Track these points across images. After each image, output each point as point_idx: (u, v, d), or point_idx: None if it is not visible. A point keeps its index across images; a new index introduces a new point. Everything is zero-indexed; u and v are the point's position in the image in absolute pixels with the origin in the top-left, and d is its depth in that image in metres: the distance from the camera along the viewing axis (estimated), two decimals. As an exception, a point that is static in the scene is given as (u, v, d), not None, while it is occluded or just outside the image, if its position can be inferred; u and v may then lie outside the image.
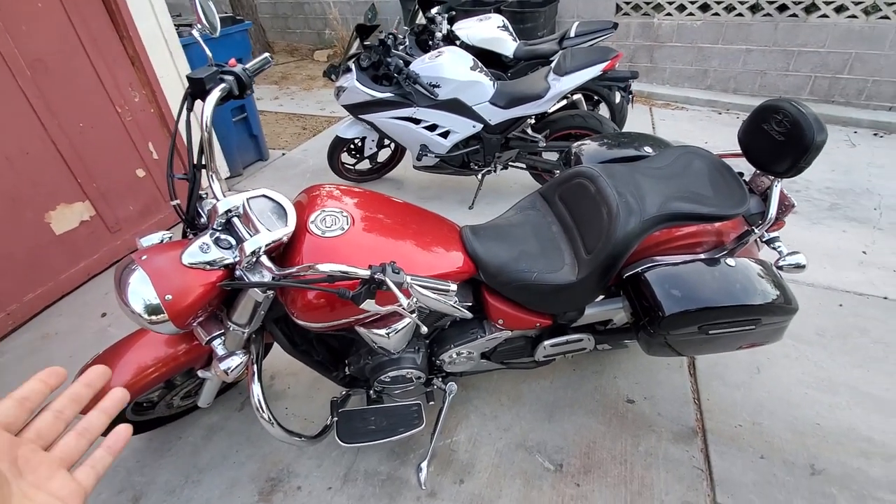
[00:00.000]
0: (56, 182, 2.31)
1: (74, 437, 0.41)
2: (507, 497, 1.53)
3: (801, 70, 4.33)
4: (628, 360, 1.97)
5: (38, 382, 0.40)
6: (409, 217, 1.38)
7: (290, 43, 7.28)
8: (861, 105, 4.23)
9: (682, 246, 1.41)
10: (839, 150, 3.66)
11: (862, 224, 2.80)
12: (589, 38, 3.23)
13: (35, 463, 0.37)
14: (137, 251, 1.08)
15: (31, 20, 2.11)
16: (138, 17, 2.55)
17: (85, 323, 2.25)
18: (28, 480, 0.36)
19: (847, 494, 1.50)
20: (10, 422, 0.37)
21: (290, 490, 1.56)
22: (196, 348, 1.36)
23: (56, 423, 0.40)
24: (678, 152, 1.50)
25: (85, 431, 0.42)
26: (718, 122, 4.31)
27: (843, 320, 2.13)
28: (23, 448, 0.37)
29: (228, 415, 1.80)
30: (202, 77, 1.14)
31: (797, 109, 1.26)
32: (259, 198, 1.15)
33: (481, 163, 2.89)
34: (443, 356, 1.52)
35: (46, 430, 0.39)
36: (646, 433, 1.70)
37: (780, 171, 1.33)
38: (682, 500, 1.50)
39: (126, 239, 2.68)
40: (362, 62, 2.71)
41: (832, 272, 2.41)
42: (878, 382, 1.84)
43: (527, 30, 4.58)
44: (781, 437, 1.67)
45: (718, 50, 4.57)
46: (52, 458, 0.38)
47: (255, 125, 3.62)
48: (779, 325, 1.35)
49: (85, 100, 2.38)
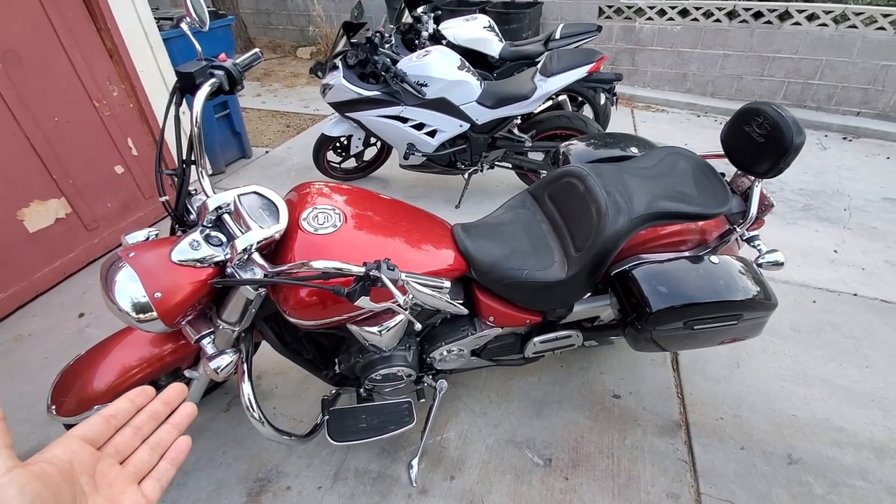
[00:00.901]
0: (29, 178, 2.23)
1: (147, 452, 0.42)
2: (498, 492, 1.54)
3: (776, 75, 4.48)
4: (614, 355, 2.01)
5: (126, 402, 0.43)
6: (400, 215, 1.39)
7: (272, 39, 7.17)
8: (831, 110, 4.40)
9: (668, 244, 1.45)
10: (811, 153, 3.80)
11: (833, 224, 2.91)
12: (574, 41, 3.27)
13: (111, 477, 0.39)
14: (124, 248, 1.06)
15: (3, 8, 2.03)
16: (116, 8, 2.47)
17: (61, 324, 2.18)
18: (102, 494, 0.37)
19: (822, 482, 1.56)
20: (95, 437, 0.40)
21: (280, 490, 1.55)
22: (182, 347, 1.33)
23: (134, 439, 0.42)
24: (664, 153, 1.54)
25: (156, 446, 0.43)
26: (697, 124, 4.42)
27: (816, 316, 2.21)
28: (102, 462, 0.39)
29: (214, 415, 1.77)
30: (192, 72, 1.12)
31: (777, 112, 1.31)
32: (250, 194, 1.14)
33: (468, 162, 2.90)
34: (433, 354, 1.52)
35: (124, 445, 0.41)
36: (632, 427, 1.74)
37: (761, 171, 1.38)
38: (668, 491, 1.54)
39: (104, 237, 2.60)
40: (349, 60, 2.70)
41: (806, 270, 2.50)
42: (849, 375, 1.92)
43: (511, 31, 4.61)
44: (760, 429, 1.72)
45: (697, 54, 4.69)
46: (126, 474, 0.40)
47: (238, 122, 3.56)
48: (759, 321, 1.40)
49: (60, 93, 2.30)
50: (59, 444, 0.36)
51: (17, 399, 1.77)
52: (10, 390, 1.83)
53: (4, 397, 1.80)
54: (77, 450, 0.37)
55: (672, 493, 1.54)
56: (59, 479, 0.33)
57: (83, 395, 1.26)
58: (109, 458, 0.39)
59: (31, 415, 1.70)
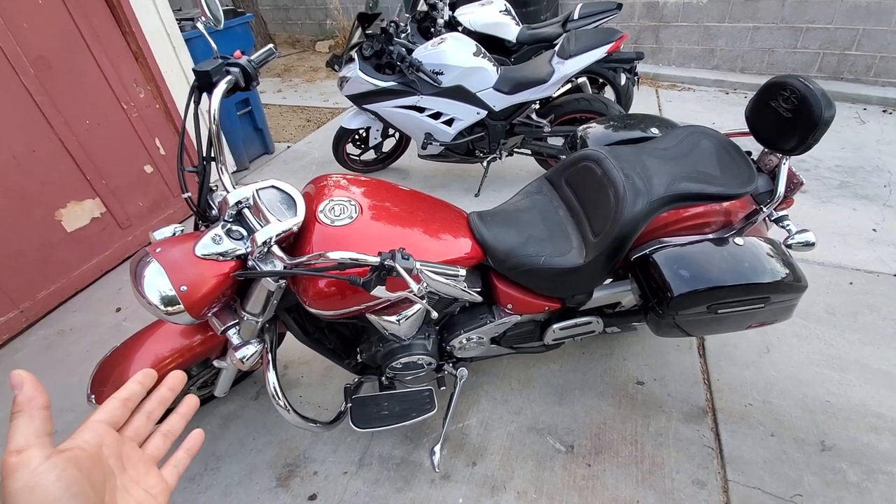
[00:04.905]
0: (65, 180, 2.33)
1: (161, 438, 0.45)
2: (520, 478, 1.55)
3: (810, 47, 4.25)
4: (637, 342, 1.98)
5: (136, 384, 0.44)
6: (416, 204, 1.39)
7: (291, 34, 7.24)
8: (870, 81, 4.16)
9: (691, 226, 1.41)
10: (848, 128, 3.61)
11: (872, 202, 2.77)
12: (593, 20, 3.19)
13: (135, 459, 0.41)
14: (151, 244, 1.10)
15: (33, 17, 2.12)
16: (140, 11, 2.55)
17: (100, 318, 2.30)
18: (129, 475, 0.39)
19: (857, 469, 1.51)
20: (116, 420, 0.41)
21: (307, 475, 1.60)
22: (211, 338, 1.39)
23: (147, 423, 0.44)
24: (685, 132, 1.49)
25: (168, 433, 0.46)
26: (726, 101, 4.25)
27: (853, 298, 2.12)
28: (126, 445, 0.41)
29: (244, 404, 1.83)
30: (208, 70, 1.14)
31: (804, 85, 1.25)
32: (268, 189, 1.16)
33: (486, 150, 2.88)
34: (453, 342, 1.53)
35: (141, 429, 0.43)
36: (656, 414, 1.71)
37: (788, 148, 1.32)
38: (693, 478, 1.52)
39: (137, 234, 2.71)
40: (365, 51, 2.70)
41: (842, 250, 2.39)
42: (888, 359, 1.84)
43: (529, 13, 4.52)
44: (791, 415, 1.67)
45: (725, 28, 4.49)
46: (147, 457, 0.42)
47: (260, 118, 3.63)
48: (788, 304, 1.35)
49: (90, 97, 2.39)
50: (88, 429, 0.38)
51: (61, 390, 1.88)
52: (55, 381, 1.95)
53: (49, 388, 1.88)
54: (104, 433, 0.39)
55: (698, 480, 1.51)
56: (90, 464, 0.36)
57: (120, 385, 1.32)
58: (131, 441, 0.41)
59: (75, 404, 1.80)
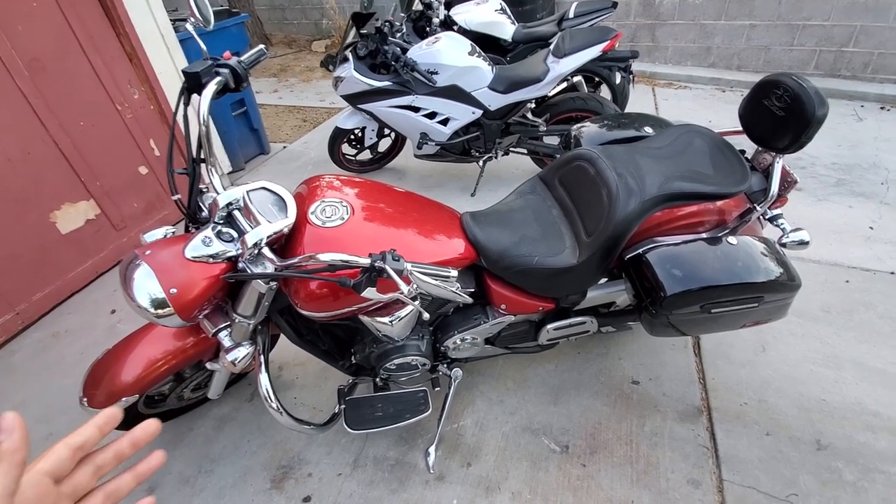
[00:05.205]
0: (59, 182, 2.33)
1: (101, 499, 0.40)
2: (515, 478, 1.55)
3: (806, 44, 4.25)
4: (633, 341, 1.97)
5: (94, 429, 0.40)
6: (409, 205, 1.39)
7: (287, 34, 7.23)
8: (867, 78, 4.15)
9: (684, 226, 1.41)
10: (845, 125, 3.61)
11: (868, 199, 2.77)
12: (588, 19, 3.18)
13: None
14: (141, 247, 1.10)
15: (27, 19, 2.11)
16: (134, 12, 2.54)
17: (94, 320, 2.29)
18: None
19: (853, 468, 1.51)
20: (60, 471, 0.38)
21: (302, 477, 1.59)
22: (204, 340, 1.38)
23: (91, 480, 0.40)
24: (678, 131, 1.48)
25: (111, 494, 0.41)
26: (722, 100, 4.25)
27: (849, 296, 2.11)
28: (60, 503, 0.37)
29: (238, 405, 1.83)
30: (197, 71, 1.14)
31: (797, 83, 1.24)
32: (259, 190, 1.16)
33: (482, 149, 2.88)
34: (447, 342, 1.53)
35: (82, 486, 0.39)
36: (651, 413, 1.71)
37: (782, 146, 1.32)
38: (688, 477, 1.52)
39: (132, 236, 2.70)
40: (359, 51, 2.69)
41: (838, 248, 2.39)
42: (884, 357, 1.84)
43: (525, 12, 4.51)
44: (787, 414, 1.67)
45: (721, 26, 4.49)
46: None
47: (256, 119, 3.62)
48: (782, 302, 1.35)
49: (84, 98, 2.39)
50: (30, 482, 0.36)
51: (55, 392, 1.88)
52: (50, 384, 1.94)
53: (44, 391, 1.91)
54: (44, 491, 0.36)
55: (693, 480, 1.51)
56: None
57: (112, 388, 1.32)
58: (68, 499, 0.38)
59: (69, 407, 1.80)
